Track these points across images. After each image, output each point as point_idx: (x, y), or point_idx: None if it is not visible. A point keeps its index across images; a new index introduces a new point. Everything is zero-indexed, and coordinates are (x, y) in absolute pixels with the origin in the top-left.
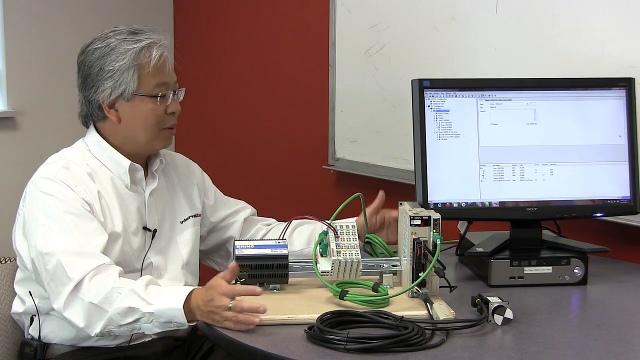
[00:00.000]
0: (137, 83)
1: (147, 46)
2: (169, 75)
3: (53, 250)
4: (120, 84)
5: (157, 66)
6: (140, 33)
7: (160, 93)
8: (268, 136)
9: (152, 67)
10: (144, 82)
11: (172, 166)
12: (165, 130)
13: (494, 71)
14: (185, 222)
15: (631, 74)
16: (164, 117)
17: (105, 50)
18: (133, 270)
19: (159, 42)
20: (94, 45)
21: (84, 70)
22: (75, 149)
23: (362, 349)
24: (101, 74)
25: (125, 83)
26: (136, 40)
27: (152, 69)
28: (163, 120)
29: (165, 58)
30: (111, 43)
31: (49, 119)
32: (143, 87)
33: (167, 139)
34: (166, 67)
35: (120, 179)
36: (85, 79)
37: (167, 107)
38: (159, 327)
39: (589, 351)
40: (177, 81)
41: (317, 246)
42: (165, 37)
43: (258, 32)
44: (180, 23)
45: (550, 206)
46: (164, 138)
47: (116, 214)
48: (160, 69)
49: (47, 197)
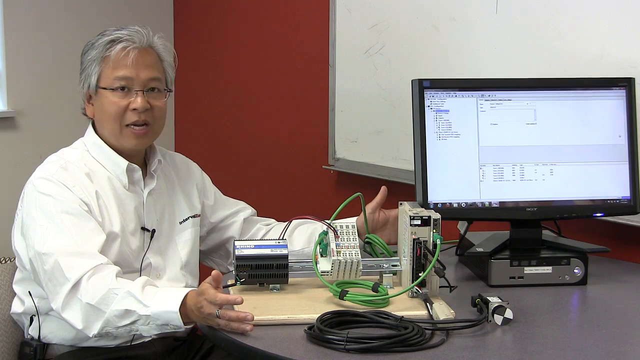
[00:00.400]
0: (98, 75)
1: (113, 40)
2: (132, 70)
3: (51, 250)
4: (88, 76)
5: (118, 59)
6: (118, 30)
7: (119, 86)
8: (268, 136)
9: (112, 60)
10: (105, 75)
11: (172, 166)
12: (129, 128)
13: (494, 71)
14: (185, 222)
15: (631, 74)
16: (126, 113)
17: (88, 46)
18: (132, 271)
19: (125, 37)
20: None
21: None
22: (73, 149)
23: (362, 349)
24: (81, 68)
25: (91, 75)
26: (107, 35)
27: (112, 62)
28: (124, 115)
29: (129, 52)
30: (94, 39)
31: (49, 119)
32: (104, 79)
33: (131, 137)
34: (128, 60)
35: (118, 179)
36: (79, 75)
37: (130, 103)
38: (156, 329)
39: (589, 351)
40: (159, 80)
41: (317, 246)
42: (143, 35)
43: (258, 32)
44: (180, 23)
45: (550, 206)
46: (128, 136)
47: (114, 214)
48: (121, 63)
49: (45, 198)
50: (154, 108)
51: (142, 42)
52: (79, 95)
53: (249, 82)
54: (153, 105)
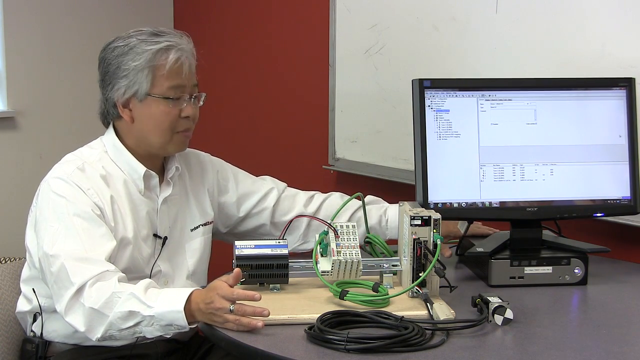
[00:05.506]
0: (150, 84)
1: (165, 48)
2: (185, 79)
3: (58, 252)
4: (134, 84)
5: (172, 69)
6: (161, 35)
7: (174, 95)
8: (268, 136)
9: (167, 69)
10: (158, 84)
11: (186, 169)
12: (180, 134)
13: (494, 71)
14: (195, 230)
15: (631, 74)
16: (178, 121)
17: (124, 49)
18: (142, 277)
19: (177, 46)
20: (115, 43)
21: (103, 68)
22: (92, 149)
23: (362, 349)
24: (117, 72)
25: (138, 83)
26: (155, 42)
27: (167, 71)
28: (177, 123)
29: (183, 61)
30: (131, 42)
31: (49, 119)
32: (156, 88)
33: (181, 143)
34: (183, 70)
35: (134, 184)
36: (104, 77)
37: (182, 111)
38: (160, 331)
39: (589, 351)
40: (197, 85)
41: (317, 246)
42: (187, 41)
43: (258, 32)
44: (180, 23)
45: (550, 206)
46: (177, 142)
47: (128, 219)
48: (175, 72)
49: (58, 198)
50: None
51: (191, 50)
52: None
53: (248, 82)
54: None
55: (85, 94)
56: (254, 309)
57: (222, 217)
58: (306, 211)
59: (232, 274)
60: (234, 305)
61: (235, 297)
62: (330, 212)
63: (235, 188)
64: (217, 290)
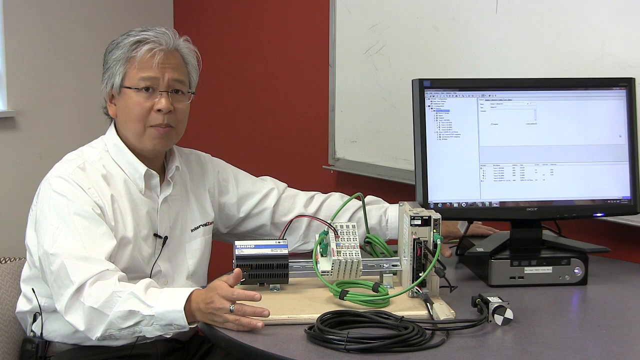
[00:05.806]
0: (123, 75)
1: (139, 41)
2: (158, 71)
3: (58, 251)
4: (112, 76)
5: (143, 60)
6: (144, 31)
7: (144, 86)
8: (268, 136)
9: (138, 60)
10: (130, 75)
11: (187, 168)
12: (153, 129)
13: (494, 71)
14: (196, 230)
15: (631, 74)
16: (151, 114)
17: (113, 45)
18: (143, 276)
19: (152, 38)
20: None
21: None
22: (93, 148)
23: (362, 349)
24: (105, 68)
25: (115, 75)
26: (134, 36)
27: (138, 62)
28: (149, 116)
29: (156, 53)
30: (119, 39)
31: (49, 119)
32: (129, 79)
33: (154, 138)
34: (154, 61)
35: (134, 183)
36: (102, 75)
37: (155, 104)
38: (160, 330)
39: (589, 351)
40: (184, 82)
41: (317, 246)
42: (171, 37)
43: (258, 32)
44: (180, 23)
45: (550, 206)
46: (151, 136)
47: (128, 219)
48: (147, 64)
49: (59, 197)
50: (177, 110)
51: (168, 44)
52: (79, 95)
53: (248, 82)
54: (176, 108)
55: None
56: (254, 309)
57: (222, 217)
58: (306, 211)
59: (233, 274)
60: (234, 305)
61: (235, 297)
62: (331, 213)
63: (235, 188)
64: (217, 290)
